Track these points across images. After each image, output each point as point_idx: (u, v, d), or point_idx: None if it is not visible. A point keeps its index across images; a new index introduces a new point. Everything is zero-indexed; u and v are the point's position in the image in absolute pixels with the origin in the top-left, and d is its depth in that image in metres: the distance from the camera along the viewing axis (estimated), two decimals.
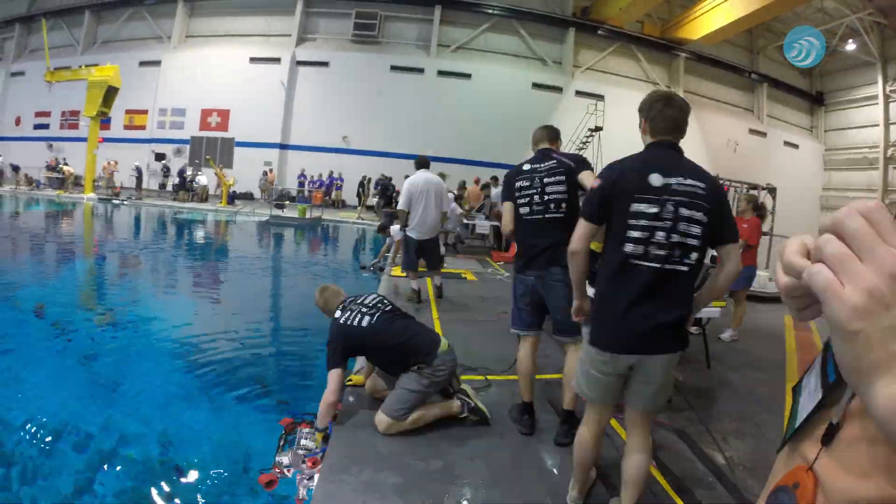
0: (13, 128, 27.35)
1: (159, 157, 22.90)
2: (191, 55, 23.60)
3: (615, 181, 2.03)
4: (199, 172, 20.96)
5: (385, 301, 3.35)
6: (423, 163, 6.03)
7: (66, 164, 23.70)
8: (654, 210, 1.93)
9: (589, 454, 2.19)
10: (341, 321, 3.15)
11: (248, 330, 5.89)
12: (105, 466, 3.18)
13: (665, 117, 2.12)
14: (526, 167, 2.96)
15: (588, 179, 2.78)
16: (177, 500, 2.89)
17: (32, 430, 3.53)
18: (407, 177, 6.38)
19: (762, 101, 26.15)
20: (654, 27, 24.04)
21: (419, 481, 2.48)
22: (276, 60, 22.25)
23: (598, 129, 20.29)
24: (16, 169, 24.18)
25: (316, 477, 2.75)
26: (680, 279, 1.94)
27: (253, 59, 22.59)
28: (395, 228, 7.80)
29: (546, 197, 2.87)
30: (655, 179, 1.96)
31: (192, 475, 3.12)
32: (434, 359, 3.00)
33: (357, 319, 3.12)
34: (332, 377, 2.98)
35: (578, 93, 22.43)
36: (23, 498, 2.88)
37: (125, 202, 20.11)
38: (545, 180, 2.88)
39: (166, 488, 2.95)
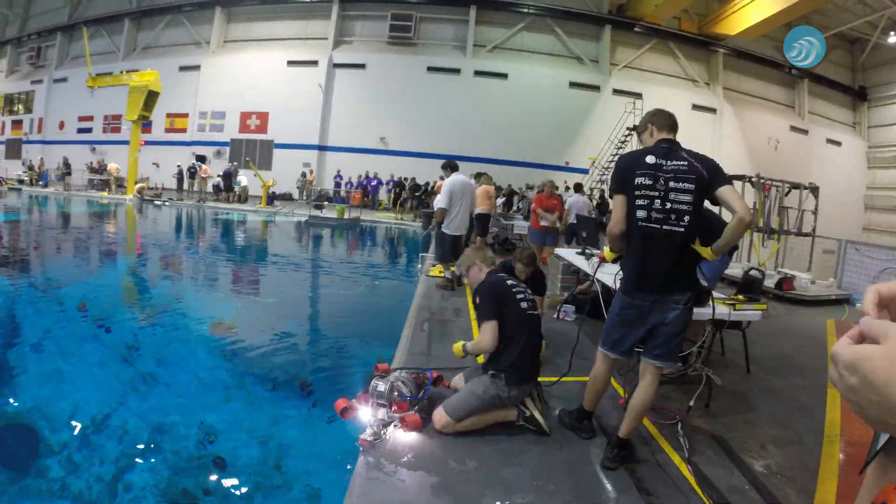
0: (57, 132, 28.15)
1: (200, 158, 23.25)
2: (229, 59, 24.00)
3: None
4: (238, 173, 21.29)
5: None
6: (454, 166, 6.49)
7: (107, 164, 24.37)
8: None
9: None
10: (508, 282, 3.04)
11: (287, 327, 5.95)
12: (143, 457, 3.25)
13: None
14: (649, 159, 2.46)
15: (732, 197, 2.38)
16: (212, 491, 2.91)
17: (74, 422, 3.63)
18: (441, 178, 6.62)
19: (803, 98, 25.52)
20: (691, 23, 23.64)
21: (455, 482, 2.43)
22: (314, 63, 22.47)
23: (636, 128, 19.95)
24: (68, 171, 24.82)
25: (392, 428, 2.74)
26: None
27: (291, 63, 22.84)
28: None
29: (668, 204, 2.41)
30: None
31: (228, 467, 3.15)
32: (516, 387, 2.87)
33: (521, 296, 2.98)
34: (489, 328, 2.87)
35: (616, 91, 22.17)
36: (65, 486, 2.96)
37: (166, 203, 20.49)
38: (670, 184, 2.41)
39: (202, 479, 2.99)
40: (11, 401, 3.94)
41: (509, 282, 3.04)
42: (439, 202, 6.47)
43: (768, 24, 21.28)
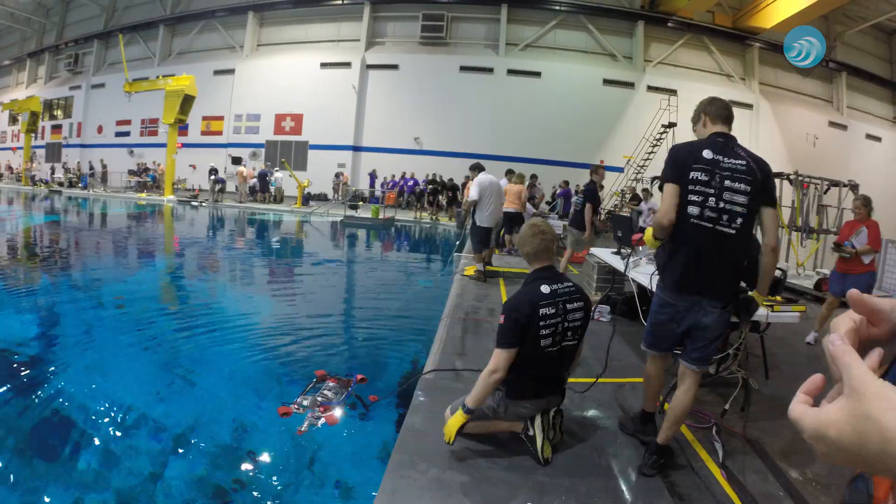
0: (95, 135, 28.89)
1: (236, 160, 23.70)
2: (263, 63, 24.36)
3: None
4: (274, 174, 21.60)
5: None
6: (481, 167, 7.36)
7: (146, 166, 24.97)
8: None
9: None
10: (542, 302, 2.52)
11: (322, 325, 6.04)
12: (178, 451, 3.29)
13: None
14: (706, 154, 2.33)
15: (770, 223, 2.37)
16: (245, 485, 2.94)
17: (111, 417, 3.70)
18: (467, 177, 6.67)
19: (841, 92, 24.93)
20: (725, 17, 23.27)
21: (484, 480, 2.42)
22: (347, 65, 22.68)
23: (671, 125, 19.72)
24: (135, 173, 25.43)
25: (321, 422, 3.24)
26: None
27: (324, 65, 23.09)
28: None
29: (722, 203, 2.29)
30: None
31: (261, 462, 3.19)
32: (515, 403, 2.62)
33: (551, 329, 2.52)
34: (502, 356, 2.48)
35: (650, 88, 21.93)
36: (100, 478, 3.01)
37: (203, 204, 20.89)
38: (726, 182, 2.30)
39: (235, 474, 3.02)
40: (51, 394, 4.02)
41: (544, 300, 2.52)
42: (471, 196, 7.14)
43: (804, 16, 20.82)
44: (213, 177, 21.05)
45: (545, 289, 2.54)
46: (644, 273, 4.05)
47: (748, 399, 3.29)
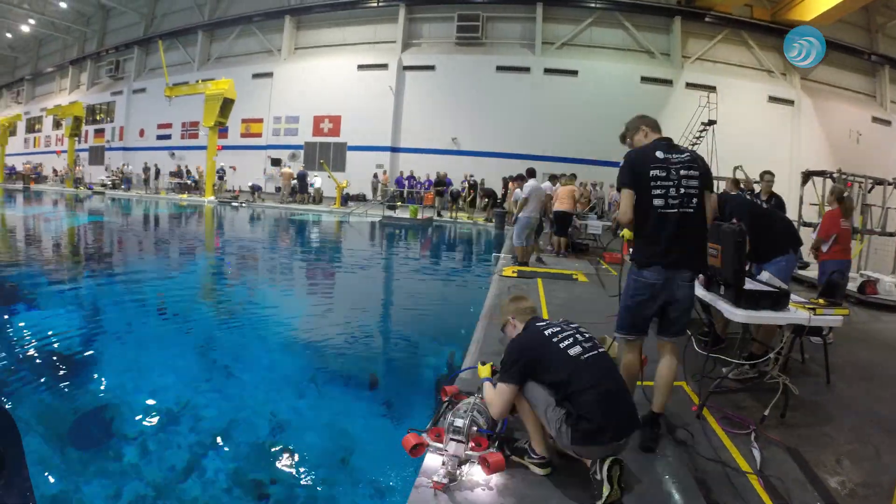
0: (137, 139, 29.75)
1: (275, 162, 24.20)
2: (301, 66, 24.81)
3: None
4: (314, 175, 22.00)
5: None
6: (533, 173, 8.39)
7: (188, 168, 25.63)
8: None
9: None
10: (543, 330, 2.49)
11: (359, 324, 6.05)
12: (216, 446, 3.35)
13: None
14: (659, 154, 2.73)
15: (711, 204, 2.89)
16: (279, 481, 2.97)
17: (152, 410, 3.78)
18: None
19: (885, 86, 24.31)
20: (763, 10, 22.88)
21: (514, 475, 2.43)
22: (384, 66, 22.94)
23: (711, 122, 19.50)
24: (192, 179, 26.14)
25: (468, 467, 2.41)
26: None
27: (361, 67, 23.40)
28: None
29: (682, 190, 2.70)
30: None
31: (296, 459, 3.21)
32: (581, 445, 2.30)
33: (568, 340, 2.42)
34: (502, 393, 2.42)
35: (689, 85, 21.69)
36: (139, 470, 3.09)
37: (243, 205, 21.37)
38: (682, 172, 2.71)
39: (271, 469, 3.06)
40: (92, 387, 4.15)
41: (549, 331, 2.47)
42: (520, 194, 8.11)
43: (845, 8, 20.38)
44: (221, 176, 21.72)
45: (550, 330, 2.52)
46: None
47: (787, 405, 3.21)
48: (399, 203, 19.81)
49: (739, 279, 3.15)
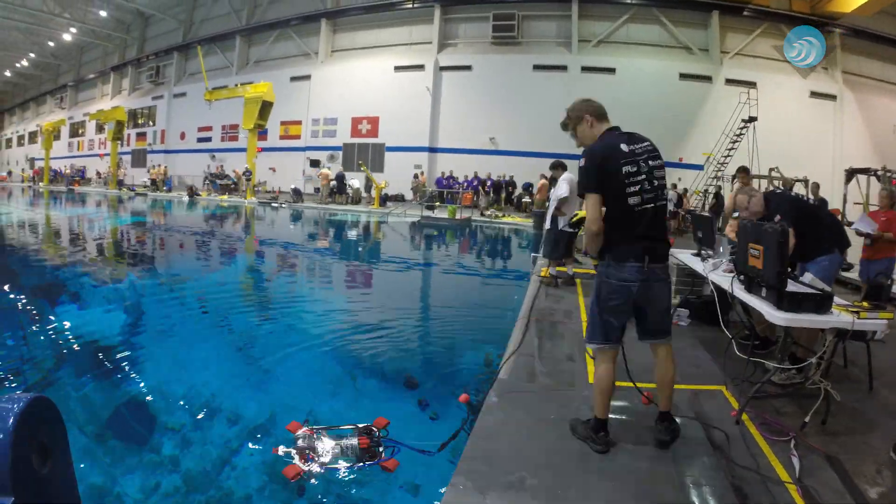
0: (178, 142, 30.66)
1: (314, 163, 24.72)
2: (338, 68, 25.30)
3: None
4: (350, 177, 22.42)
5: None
6: (564, 165, 6.85)
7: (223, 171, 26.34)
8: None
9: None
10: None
11: (397, 323, 6.02)
12: (252, 441, 3.38)
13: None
14: (624, 147, 2.50)
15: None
16: (313, 476, 2.99)
17: (189, 404, 3.84)
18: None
19: None
20: (802, 3, 22.46)
21: (546, 485, 2.41)
22: (420, 67, 23.25)
23: (752, 119, 19.16)
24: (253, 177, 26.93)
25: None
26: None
27: (398, 68, 23.76)
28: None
29: (656, 182, 2.52)
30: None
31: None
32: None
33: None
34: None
35: (729, 81, 21.47)
36: (176, 462, 3.17)
37: (283, 205, 21.79)
38: (650, 163, 2.52)
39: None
40: (134, 380, 4.25)
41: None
42: (561, 192, 6.36)
43: None
44: (245, 176, 22.45)
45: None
46: (724, 276, 3.90)
47: (829, 412, 3.09)
48: (437, 203, 19.99)
49: (782, 281, 3.01)
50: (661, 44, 22.30)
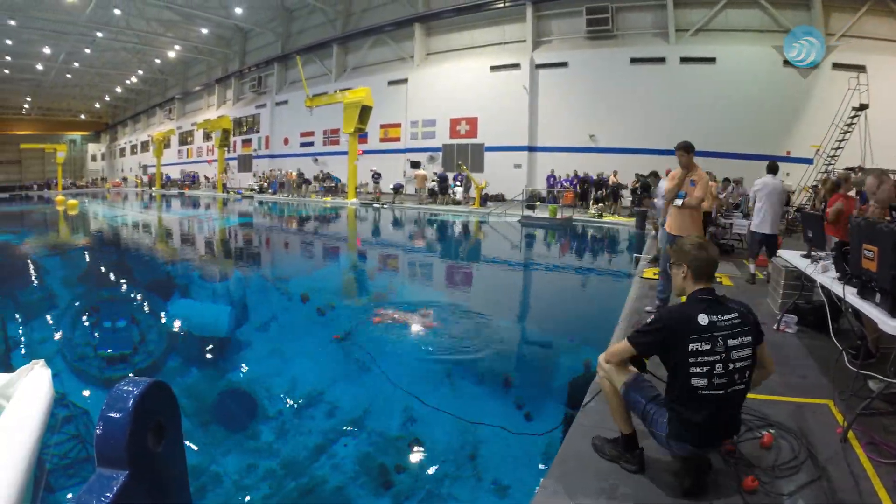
0: (282, 147, 33.17)
1: (414, 164, 26.21)
2: (434, 70, 26.51)
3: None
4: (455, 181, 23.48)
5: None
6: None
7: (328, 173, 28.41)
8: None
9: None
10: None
11: (496, 323, 6.03)
12: (348, 432, 3.52)
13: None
14: (702, 319, 2.23)
15: (767, 356, 2.44)
16: (405, 469, 3.07)
17: (290, 395, 3.99)
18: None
19: None
20: None
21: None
22: (516, 66, 23.90)
23: (863, 107, 18.22)
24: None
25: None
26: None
27: (493, 68, 24.54)
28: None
29: (732, 365, 2.22)
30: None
31: (425, 451, 3.32)
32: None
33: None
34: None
35: (836, 66, 20.72)
36: (273, 449, 3.33)
37: (384, 206, 23.03)
38: (730, 342, 2.22)
39: (399, 458, 3.15)
40: (237, 370, 4.50)
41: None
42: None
43: None
44: (376, 180, 24.08)
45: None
46: (836, 280, 3.64)
47: None
48: (538, 203, 20.37)
49: None
50: (762, 28, 21.75)
